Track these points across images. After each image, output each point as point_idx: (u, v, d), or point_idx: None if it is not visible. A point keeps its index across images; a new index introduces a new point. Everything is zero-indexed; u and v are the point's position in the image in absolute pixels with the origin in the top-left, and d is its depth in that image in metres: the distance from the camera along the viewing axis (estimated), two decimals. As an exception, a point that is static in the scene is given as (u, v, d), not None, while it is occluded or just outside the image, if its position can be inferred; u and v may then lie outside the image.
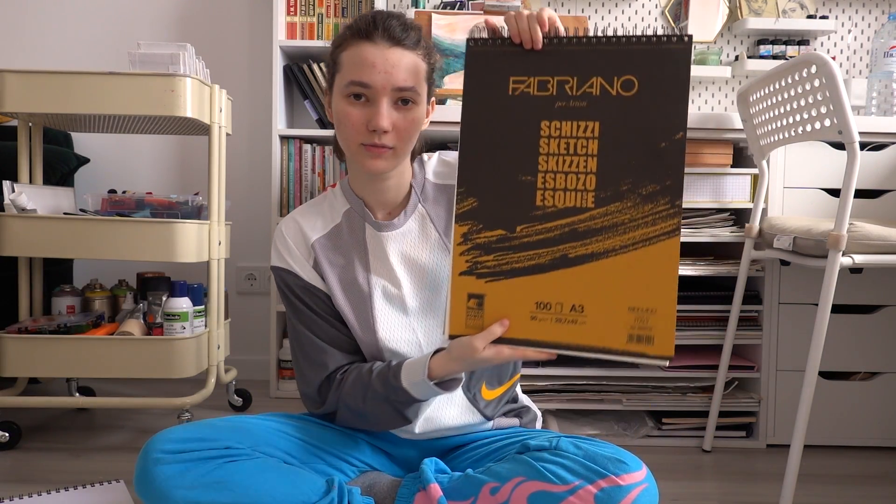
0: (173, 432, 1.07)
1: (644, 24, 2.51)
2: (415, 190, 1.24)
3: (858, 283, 1.88)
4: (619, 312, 0.91)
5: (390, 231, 1.21)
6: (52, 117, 1.87)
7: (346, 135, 1.12)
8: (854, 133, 1.40)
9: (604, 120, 0.95)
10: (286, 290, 1.22)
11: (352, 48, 1.09)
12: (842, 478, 1.74)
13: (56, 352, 1.76)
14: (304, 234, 1.22)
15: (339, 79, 1.12)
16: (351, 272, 1.20)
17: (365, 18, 1.10)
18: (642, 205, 0.92)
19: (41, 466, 1.69)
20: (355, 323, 1.20)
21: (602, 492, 0.98)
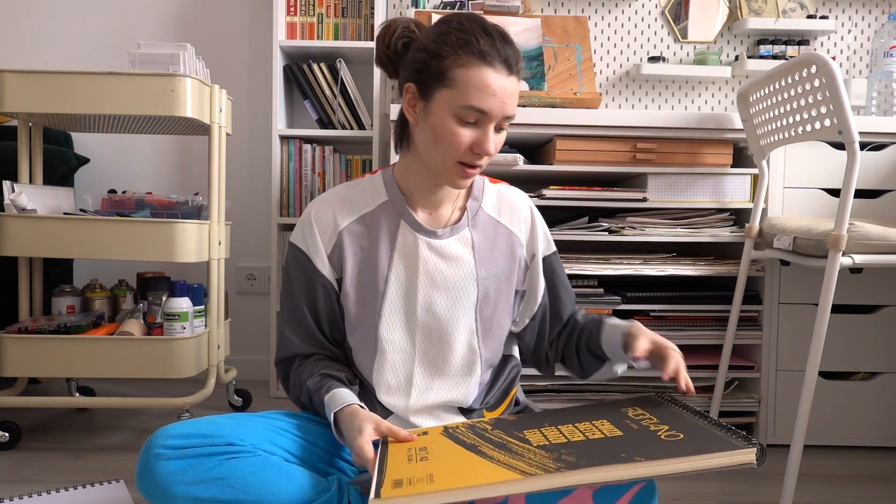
0: (175, 428, 1.07)
1: (644, 23, 2.51)
2: (468, 213, 1.25)
3: (858, 284, 1.88)
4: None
5: (430, 238, 1.22)
6: (52, 117, 1.87)
7: (446, 152, 1.12)
8: (854, 133, 1.40)
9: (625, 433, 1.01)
10: (291, 267, 1.24)
11: (473, 69, 1.07)
12: (842, 478, 1.74)
13: (56, 352, 1.76)
14: (334, 220, 1.23)
15: (448, 94, 1.09)
16: (372, 263, 1.21)
17: (484, 38, 1.08)
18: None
19: (41, 466, 1.69)
20: (358, 312, 1.21)
21: (599, 491, 0.98)
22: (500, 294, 1.25)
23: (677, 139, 1.91)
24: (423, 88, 1.12)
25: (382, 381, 1.22)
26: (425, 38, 1.12)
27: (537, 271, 1.29)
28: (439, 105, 1.10)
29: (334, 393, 1.14)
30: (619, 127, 1.88)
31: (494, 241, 1.26)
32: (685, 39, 2.51)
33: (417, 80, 1.12)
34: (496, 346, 1.26)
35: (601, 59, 2.53)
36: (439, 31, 1.11)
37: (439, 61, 1.09)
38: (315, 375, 1.19)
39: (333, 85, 2.34)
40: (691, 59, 2.53)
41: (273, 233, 2.33)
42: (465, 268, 1.22)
